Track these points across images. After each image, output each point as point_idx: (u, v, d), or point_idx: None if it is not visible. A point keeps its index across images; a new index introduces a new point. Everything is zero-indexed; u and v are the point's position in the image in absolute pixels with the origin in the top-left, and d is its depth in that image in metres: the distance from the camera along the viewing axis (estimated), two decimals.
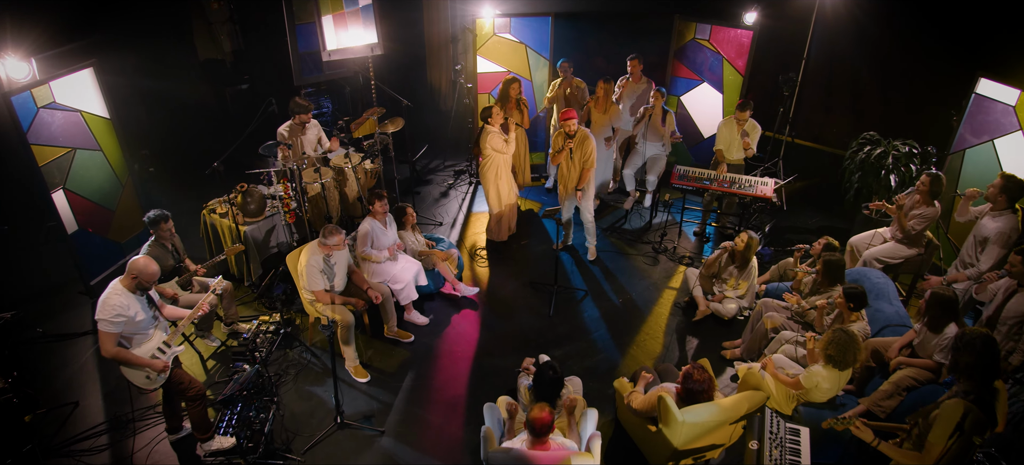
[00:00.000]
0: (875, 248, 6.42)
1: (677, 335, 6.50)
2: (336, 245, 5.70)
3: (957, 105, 6.99)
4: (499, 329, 6.61)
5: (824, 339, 4.80)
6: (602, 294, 7.12)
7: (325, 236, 5.66)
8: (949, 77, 7.34)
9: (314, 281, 5.77)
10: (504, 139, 7.17)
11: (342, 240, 5.72)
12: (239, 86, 10.70)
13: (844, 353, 4.63)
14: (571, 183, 7.15)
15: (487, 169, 7.36)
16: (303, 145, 7.27)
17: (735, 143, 7.59)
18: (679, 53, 8.79)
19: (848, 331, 4.71)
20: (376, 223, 6.31)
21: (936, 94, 7.52)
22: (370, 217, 6.31)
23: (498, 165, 7.30)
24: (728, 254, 6.53)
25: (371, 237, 6.28)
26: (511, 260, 7.72)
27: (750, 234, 6.32)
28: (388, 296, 6.23)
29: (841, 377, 4.76)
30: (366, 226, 6.27)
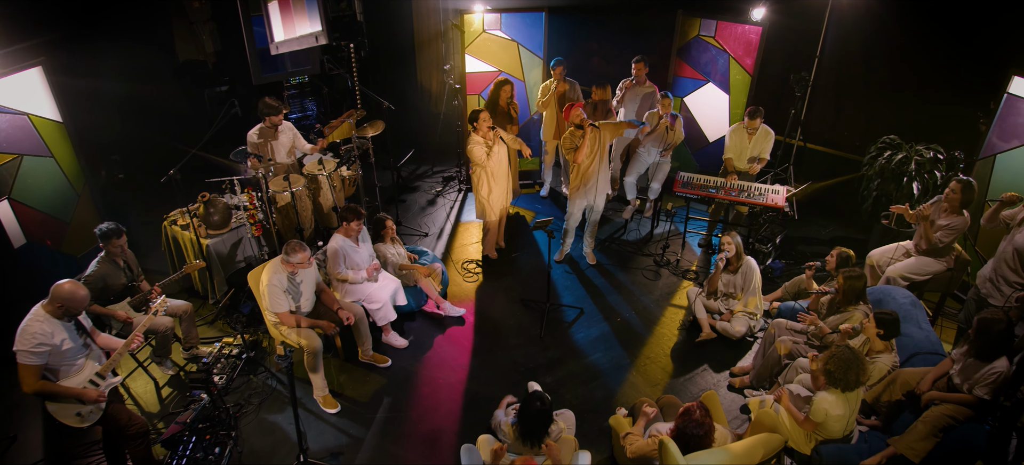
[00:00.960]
0: (899, 263, 5.82)
1: (682, 359, 5.91)
2: (300, 263, 5.12)
3: (986, 106, 6.40)
4: (486, 352, 6.02)
5: (824, 355, 4.24)
6: (599, 313, 6.53)
7: (288, 253, 5.08)
8: (977, 75, 6.75)
9: (277, 302, 5.19)
10: (486, 149, 6.55)
11: (307, 257, 5.14)
12: (219, 88, 10.12)
13: (846, 371, 4.08)
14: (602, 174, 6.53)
15: (474, 178, 6.79)
16: (275, 150, 6.70)
17: (746, 152, 7.00)
18: (682, 51, 8.21)
19: (851, 347, 4.16)
20: (346, 240, 5.72)
21: (962, 94, 6.92)
22: (339, 233, 5.72)
23: (483, 175, 6.70)
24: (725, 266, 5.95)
25: (342, 256, 5.69)
26: (502, 274, 7.13)
27: (731, 236, 5.81)
28: (362, 317, 5.65)
29: (850, 401, 4.18)
30: (335, 244, 5.69)
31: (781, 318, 5.61)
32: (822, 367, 4.18)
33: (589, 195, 6.63)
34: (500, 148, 6.68)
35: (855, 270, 5.10)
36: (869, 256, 6.14)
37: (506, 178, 6.88)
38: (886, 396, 4.68)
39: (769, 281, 6.74)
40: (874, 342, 4.67)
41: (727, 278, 5.99)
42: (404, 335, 6.19)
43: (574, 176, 6.57)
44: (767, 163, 7.37)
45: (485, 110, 6.56)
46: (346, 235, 5.74)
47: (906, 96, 7.49)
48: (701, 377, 5.71)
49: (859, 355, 4.10)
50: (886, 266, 5.90)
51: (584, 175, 6.50)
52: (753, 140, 6.90)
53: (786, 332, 5.43)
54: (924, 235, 5.63)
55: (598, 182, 6.52)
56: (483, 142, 6.52)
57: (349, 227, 5.70)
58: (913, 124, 7.14)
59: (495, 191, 6.78)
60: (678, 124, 7.30)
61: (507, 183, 6.92)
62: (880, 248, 6.13)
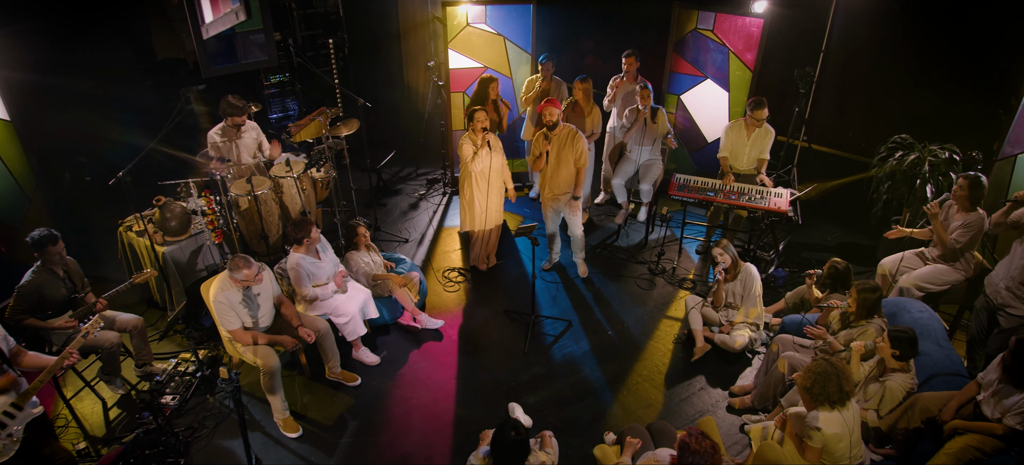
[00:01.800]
0: (914, 272, 5.34)
1: (677, 376, 5.43)
2: (246, 280, 4.64)
3: (1006, 103, 5.93)
4: (465, 369, 5.55)
5: (803, 373, 3.80)
6: (588, 325, 6.05)
7: (232, 270, 4.61)
8: (996, 71, 6.27)
9: (228, 319, 4.72)
10: (473, 149, 6.09)
11: (254, 274, 4.66)
12: (198, 87, 9.65)
13: (825, 384, 3.67)
14: (556, 187, 6.09)
15: (460, 180, 6.33)
16: (239, 152, 6.23)
17: (744, 151, 6.50)
18: (679, 46, 7.74)
19: (827, 358, 3.72)
20: (305, 257, 5.23)
21: (979, 91, 6.44)
22: (295, 250, 5.24)
23: (467, 179, 6.24)
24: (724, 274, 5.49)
25: (304, 274, 5.20)
26: (486, 284, 6.65)
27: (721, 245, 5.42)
28: (326, 332, 5.17)
29: (846, 417, 3.72)
30: (293, 263, 5.20)
31: (786, 334, 5.13)
32: (801, 386, 3.75)
33: (557, 203, 6.21)
34: (492, 159, 6.17)
35: (870, 282, 4.62)
36: (880, 264, 5.66)
37: (495, 194, 6.37)
38: (903, 423, 4.19)
39: (771, 291, 6.27)
40: (889, 362, 4.19)
41: (727, 287, 5.53)
42: (377, 351, 5.71)
43: (541, 182, 6.22)
44: (767, 164, 6.91)
45: (482, 110, 6.06)
46: (305, 252, 5.25)
47: (919, 92, 6.99)
48: (698, 397, 5.23)
49: (835, 363, 3.67)
50: (899, 275, 5.42)
51: (550, 182, 6.14)
52: (752, 137, 6.40)
53: (792, 348, 4.96)
54: (938, 237, 5.15)
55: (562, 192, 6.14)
56: (474, 142, 6.06)
57: (306, 243, 5.21)
58: (926, 123, 6.66)
59: (477, 200, 6.28)
60: (661, 116, 6.81)
61: (494, 200, 6.40)
62: (891, 256, 5.65)
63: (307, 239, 5.17)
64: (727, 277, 5.45)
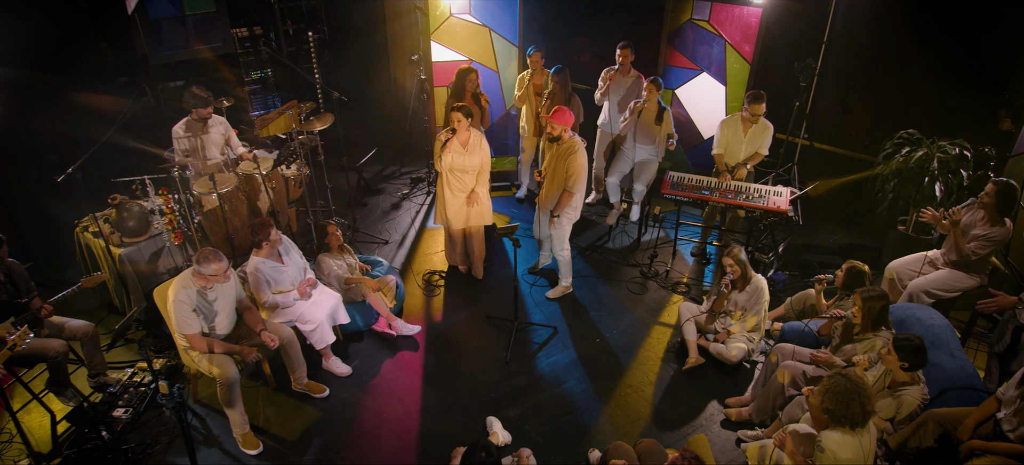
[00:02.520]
0: (924, 278, 4.97)
1: (669, 388, 5.06)
2: (215, 275, 4.27)
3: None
4: (441, 380, 5.17)
5: (819, 390, 3.42)
6: (575, 332, 5.68)
7: (199, 262, 4.24)
8: (1010, 61, 5.90)
9: (185, 323, 4.35)
10: (445, 144, 5.66)
11: (223, 269, 4.30)
12: (174, 83, 9.29)
13: (847, 404, 3.27)
14: (544, 199, 5.73)
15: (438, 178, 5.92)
16: (205, 147, 5.87)
17: (740, 147, 6.11)
18: (674, 37, 7.37)
19: (847, 375, 3.33)
20: (265, 262, 4.86)
21: (990, 85, 6.07)
22: (256, 255, 4.87)
23: (442, 179, 5.82)
24: (731, 285, 5.11)
25: (263, 280, 4.83)
26: (468, 287, 6.28)
27: (730, 251, 5.00)
28: (291, 340, 4.80)
29: (863, 442, 3.34)
30: (252, 266, 4.83)
31: (786, 343, 4.75)
32: (818, 404, 3.36)
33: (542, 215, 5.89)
34: (467, 158, 5.70)
35: (875, 289, 4.24)
36: (888, 268, 5.29)
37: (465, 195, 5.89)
38: (914, 441, 3.82)
39: (771, 295, 5.88)
40: (897, 374, 3.82)
41: (730, 296, 5.15)
42: (349, 359, 5.35)
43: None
44: (764, 161, 6.54)
45: (459, 109, 5.57)
46: (266, 255, 4.88)
47: (927, 85, 6.58)
48: (690, 410, 4.86)
49: (853, 378, 3.29)
50: (908, 280, 5.05)
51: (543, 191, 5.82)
52: (750, 133, 6.02)
53: (791, 359, 4.58)
54: (954, 245, 4.78)
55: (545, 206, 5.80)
56: (444, 135, 5.67)
57: (265, 246, 4.84)
58: (935, 117, 6.29)
59: (450, 199, 5.87)
60: (667, 118, 6.43)
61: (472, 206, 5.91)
62: (901, 259, 5.28)
63: (266, 242, 4.81)
64: (734, 288, 5.09)
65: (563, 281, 6.10)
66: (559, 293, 6.12)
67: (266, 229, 4.80)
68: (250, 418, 4.75)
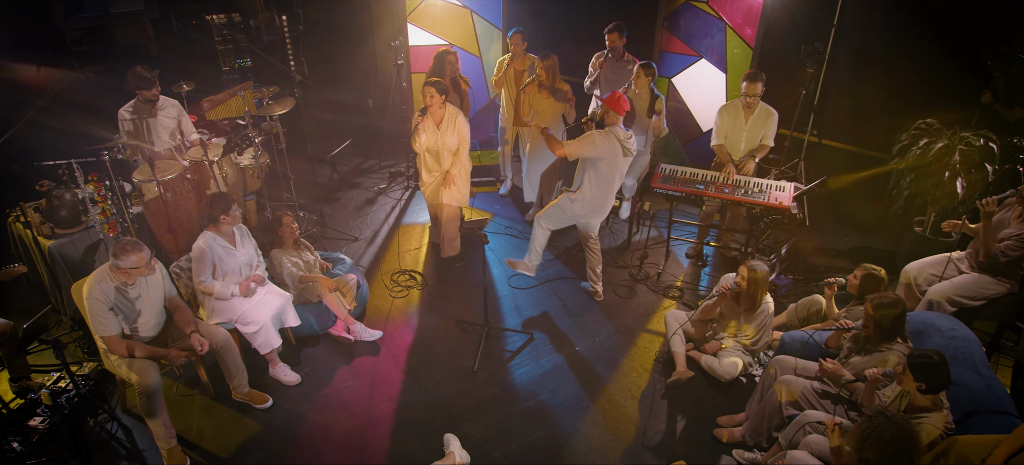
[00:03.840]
0: (947, 282, 4.39)
1: (655, 402, 4.49)
2: (135, 268, 3.77)
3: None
4: (400, 391, 4.63)
5: (854, 435, 2.85)
6: (554, 339, 5.12)
7: (116, 254, 3.74)
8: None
9: (101, 323, 3.84)
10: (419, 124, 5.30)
11: (145, 260, 3.79)
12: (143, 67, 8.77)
13: (892, 457, 2.71)
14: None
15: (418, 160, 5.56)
16: (153, 132, 5.38)
17: (741, 136, 5.53)
18: (670, 21, 6.81)
19: (893, 419, 2.75)
20: (217, 239, 4.37)
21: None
22: (209, 230, 4.38)
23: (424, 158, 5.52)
24: (730, 299, 4.53)
25: (209, 260, 4.33)
26: (441, 287, 5.74)
27: (751, 266, 4.32)
28: (227, 344, 4.28)
29: None
30: (201, 244, 4.33)
31: (785, 355, 4.18)
32: (856, 456, 2.77)
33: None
34: (442, 137, 5.41)
35: (888, 296, 3.66)
36: (904, 271, 4.71)
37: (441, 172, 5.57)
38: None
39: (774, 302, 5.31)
40: (915, 398, 3.24)
41: (729, 310, 4.58)
42: (299, 366, 4.82)
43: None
44: (767, 157, 5.97)
45: (431, 85, 5.26)
46: (218, 232, 4.39)
47: (950, 71, 5.94)
48: (677, 429, 4.29)
49: (907, 429, 2.71)
50: (927, 285, 4.46)
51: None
52: (751, 120, 5.44)
53: (790, 371, 4.02)
54: (982, 242, 4.19)
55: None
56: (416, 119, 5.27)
57: (223, 220, 4.35)
58: (957, 107, 5.67)
59: (426, 178, 5.63)
60: (660, 105, 5.87)
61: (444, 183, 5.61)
62: (919, 261, 4.70)
63: (225, 216, 4.31)
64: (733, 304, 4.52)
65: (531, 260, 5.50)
66: (518, 267, 5.56)
67: (226, 202, 4.33)
68: (182, 430, 4.26)
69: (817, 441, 3.52)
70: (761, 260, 4.45)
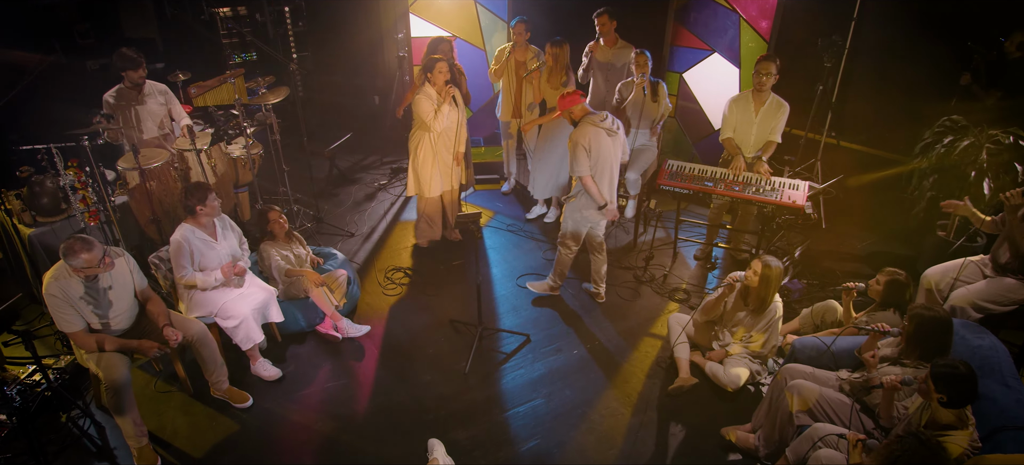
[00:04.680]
0: (971, 287, 4.08)
1: (654, 409, 4.22)
2: (87, 267, 3.57)
3: None
4: (385, 392, 4.40)
5: (881, 456, 2.58)
6: (551, 341, 4.87)
7: (66, 255, 3.55)
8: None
9: (63, 320, 3.67)
10: (434, 107, 5.14)
11: (96, 259, 3.57)
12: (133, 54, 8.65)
13: None
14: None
15: (411, 144, 5.33)
16: (139, 119, 5.21)
17: (751, 129, 5.23)
18: (681, 14, 6.55)
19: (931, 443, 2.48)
20: (195, 232, 4.18)
21: None
22: (187, 222, 4.18)
23: (425, 141, 5.31)
24: (737, 293, 4.26)
25: (187, 252, 4.14)
26: (435, 286, 5.51)
27: (766, 261, 4.04)
28: (203, 337, 4.07)
29: None
30: (178, 237, 4.14)
31: (795, 363, 3.90)
32: None
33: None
34: (453, 114, 5.25)
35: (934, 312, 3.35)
36: (925, 276, 4.39)
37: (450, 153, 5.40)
38: None
39: (785, 308, 5.01)
40: (937, 412, 2.95)
41: (738, 314, 4.31)
42: (284, 363, 4.61)
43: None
44: (782, 157, 5.67)
45: (445, 60, 5.11)
46: (197, 224, 4.20)
47: (981, 63, 5.62)
48: (676, 440, 4.02)
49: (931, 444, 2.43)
50: (950, 290, 4.15)
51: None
52: (762, 113, 5.13)
53: (801, 377, 3.73)
54: (1010, 239, 3.88)
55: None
56: (433, 97, 5.05)
57: (200, 212, 4.16)
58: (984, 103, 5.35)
59: (433, 163, 5.39)
60: (661, 90, 5.62)
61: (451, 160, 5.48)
62: (940, 265, 4.38)
63: (201, 207, 4.12)
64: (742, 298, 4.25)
65: (550, 280, 5.31)
66: (541, 289, 5.33)
67: (203, 193, 4.13)
68: (156, 428, 4.08)
69: (831, 458, 3.23)
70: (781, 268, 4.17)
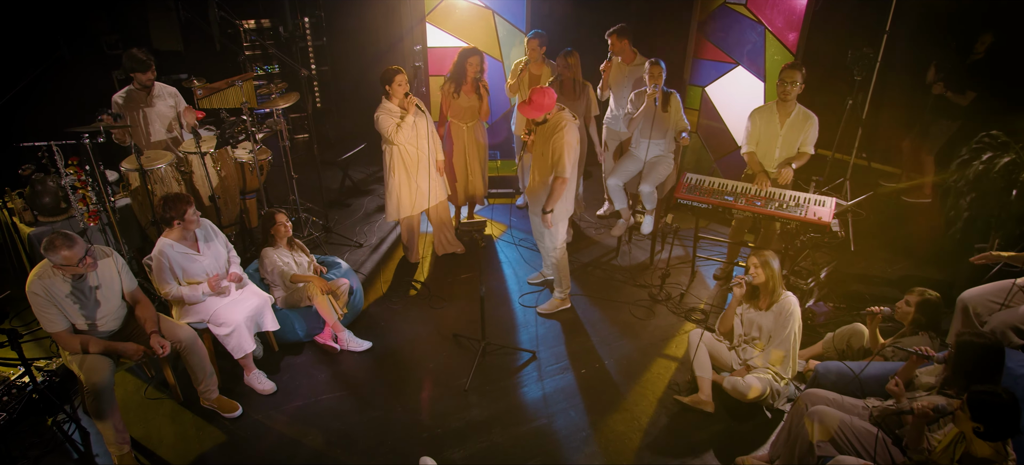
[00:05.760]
0: (1013, 311, 3.75)
1: (665, 436, 3.95)
2: (65, 264, 3.45)
3: None
4: (381, 406, 4.21)
5: None
6: (559, 360, 4.63)
7: (47, 250, 3.43)
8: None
9: (46, 319, 3.55)
10: (397, 120, 5.00)
11: (77, 256, 3.45)
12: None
13: None
14: (536, 190, 4.75)
15: (385, 160, 5.23)
16: (147, 121, 5.15)
17: (775, 142, 4.96)
18: (704, 26, 6.32)
19: None
20: (173, 246, 4.04)
21: None
22: (166, 235, 4.05)
23: (394, 157, 5.16)
24: (747, 297, 4.03)
25: (167, 268, 4.01)
26: (442, 299, 5.31)
27: (757, 252, 3.88)
28: (193, 344, 3.93)
29: None
30: (156, 253, 4.02)
31: (817, 388, 3.61)
32: None
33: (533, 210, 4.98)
34: (420, 123, 5.11)
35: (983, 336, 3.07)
36: (961, 298, 4.07)
37: (426, 168, 5.25)
38: None
39: (808, 330, 4.72)
40: (973, 445, 2.65)
41: (751, 316, 4.06)
42: (279, 373, 4.45)
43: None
44: (811, 173, 5.37)
45: (403, 72, 4.99)
46: (177, 238, 4.05)
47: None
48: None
49: None
50: (989, 314, 3.83)
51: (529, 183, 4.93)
52: (787, 125, 4.87)
53: (823, 402, 3.44)
54: None
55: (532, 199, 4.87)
56: (393, 111, 4.92)
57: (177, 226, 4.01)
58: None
59: (408, 181, 5.19)
60: (673, 102, 5.39)
61: (430, 176, 5.32)
62: (978, 287, 4.06)
63: (179, 221, 3.98)
64: (755, 301, 4.00)
65: (558, 292, 5.11)
66: (554, 307, 5.12)
67: (180, 206, 3.98)
68: (142, 435, 3.93)
69: None
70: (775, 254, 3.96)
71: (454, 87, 5.59)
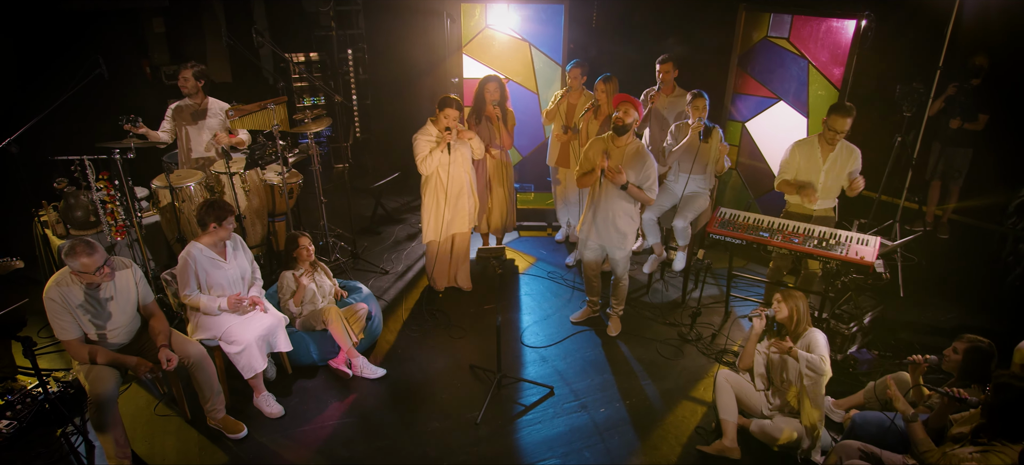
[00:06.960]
0: None
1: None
2: (83, 271, 3.45)
3: None
4: (390, 435, 4.06)
5: None
6: (577, 398, 4.41)
7: (66, 254, 3.45)
8: None
9: (59, 326, 3.56)
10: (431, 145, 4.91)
11: (95, 264, 3.45)
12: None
13: None
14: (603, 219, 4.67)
15: (422, 188, 5.10)
16: (190, 139, 5.24)
17: (817, 177, 4.69)
18: (745, 60, 6.13)
19: None
20: (203, 250, 4.03)
21: None
22: (196, 241, 4.06)
23: (429, 183, 5.05)
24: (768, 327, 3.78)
25: (192, 271, 4.00)
26: (461, 329, 5.17)
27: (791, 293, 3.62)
28: (200, 361, 3.87)
29: None
30: (184, 254, 4.01)
31: (853, 440, 3.31)
32: None
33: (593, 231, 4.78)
34: (460, 156, 4.97)
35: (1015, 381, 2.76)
36: (1019, 349, 3.70)
37: (466, 197, 5.12)
38: None
39: (849, 378, 4.38)
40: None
41: (778, 359, 3.79)
42: (289, 396, 4.36)
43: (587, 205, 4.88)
44: (856, 212, 5.08)
45: (455, 101, 4.86)
46: (208, 244, 4.06)
47: None
48: None
49: None
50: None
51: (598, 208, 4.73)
52: (830, 158, 4.60)
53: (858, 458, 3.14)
54: None
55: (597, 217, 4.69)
56: (433, 137, 4.84)
57: (213, 230, 4.02)
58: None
59: (435, 207, 5.07)
60: (715, 137, 5.17)
61: (467, 204, 5.19)
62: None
63: (215, 226, 3.98)
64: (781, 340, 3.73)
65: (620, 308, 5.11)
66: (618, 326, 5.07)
67: (222, 211, 4.00)
68: (146, 452, 3.87)
69: None
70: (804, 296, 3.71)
71: (476, 118, 5.53)
